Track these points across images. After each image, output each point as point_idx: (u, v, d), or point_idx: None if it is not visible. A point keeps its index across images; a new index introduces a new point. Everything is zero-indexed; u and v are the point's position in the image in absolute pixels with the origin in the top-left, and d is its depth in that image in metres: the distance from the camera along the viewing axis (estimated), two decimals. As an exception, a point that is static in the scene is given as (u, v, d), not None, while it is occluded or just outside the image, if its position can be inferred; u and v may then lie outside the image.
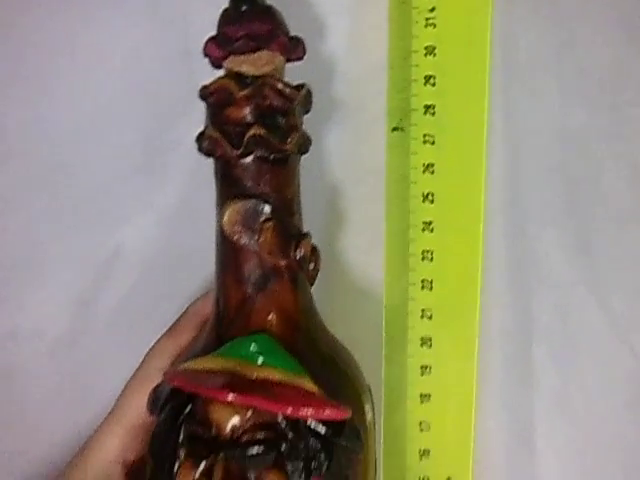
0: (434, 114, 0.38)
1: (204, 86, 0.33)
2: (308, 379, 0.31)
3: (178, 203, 0.43)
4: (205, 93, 0.33)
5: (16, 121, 0.42)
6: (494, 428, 0.43)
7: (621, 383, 0.42)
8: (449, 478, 0.40)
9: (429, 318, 0.40)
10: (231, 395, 0.29)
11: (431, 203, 0.39)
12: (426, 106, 0.38)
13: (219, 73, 0.33)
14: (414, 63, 0.38)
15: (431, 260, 0.39)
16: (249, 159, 0.32)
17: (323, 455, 0.30)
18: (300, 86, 0.33)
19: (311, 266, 0.34)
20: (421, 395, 0.40)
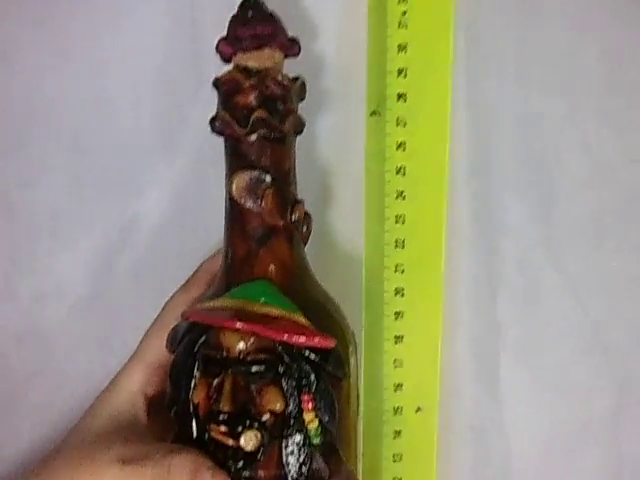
0: (406, 100, 0.40)
1: (217, 78, 0.34)
2: (301, 315, 0.33)
3: (188, 177, 0.44)
4: (218, 83, 0.34)
5: (45, 104, 0.43)
6: (461, 366, 0.44)
7: (575, 335, 0.43)
8: (419, 408, 0.42)
9: (402, 272, 0.41)
10: (239, 324, 0.32)
11: (403, 175, 0.40)
12: (399, 94, 0.40)
13: (227, 67, 0.35)
14: (389, 58, 0.39)
15: (403, 223, 0.41)
16: (254, 137, 0.34)
17: (313, 376, 0.32)
18: (296, 78, 0.35)
19: (304, 228, 0.36)
20: (395, 337, 0.41)
